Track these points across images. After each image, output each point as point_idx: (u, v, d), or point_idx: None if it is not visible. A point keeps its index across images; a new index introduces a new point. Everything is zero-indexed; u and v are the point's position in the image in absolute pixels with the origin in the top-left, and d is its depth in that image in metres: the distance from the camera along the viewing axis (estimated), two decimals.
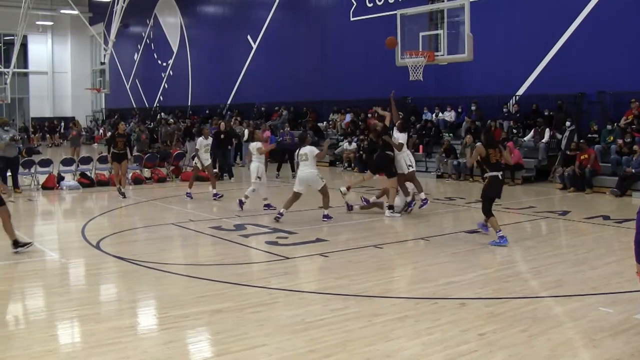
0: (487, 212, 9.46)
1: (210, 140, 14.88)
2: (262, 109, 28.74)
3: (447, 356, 4.97)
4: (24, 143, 24.77)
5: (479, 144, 9.81)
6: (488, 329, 5.54)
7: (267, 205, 12.71)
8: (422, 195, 11.94)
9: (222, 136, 18.95)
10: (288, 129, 21.24)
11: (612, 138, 16.04)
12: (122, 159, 14.81)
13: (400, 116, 13.00)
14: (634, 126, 15.88)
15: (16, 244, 8.73)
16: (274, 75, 28.71)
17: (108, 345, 5.27)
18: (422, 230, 10.65)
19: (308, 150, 11.21)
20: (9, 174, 15.34)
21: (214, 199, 14.28)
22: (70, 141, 25.11)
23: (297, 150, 11.54)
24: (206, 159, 14.58)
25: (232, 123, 24.28)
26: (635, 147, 15.04)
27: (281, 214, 11.25)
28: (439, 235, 10.17)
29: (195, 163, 14.84)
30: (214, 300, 6.55)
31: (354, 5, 24.56)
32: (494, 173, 9.38)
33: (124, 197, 14.47)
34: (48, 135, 39.52)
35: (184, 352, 5.24)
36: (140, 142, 25.00)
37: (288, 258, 8.50)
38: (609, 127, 16.33)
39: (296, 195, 11.31)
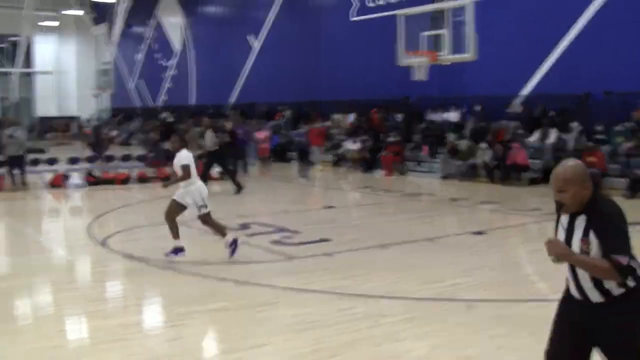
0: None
1: None
2: (264, 109, 28.72)
3: (455, 358, 4.96)
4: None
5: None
6: (496, 332, 5.51)
7: None
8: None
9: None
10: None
11: (622, 139, 15.84)
12: None
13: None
14: None
15: None
16: (276, 75, 28.69)
17: (114, 341, 5.29)
18: (427, 231, 10.61)
19: None
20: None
21: None
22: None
23: None
24: None
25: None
26: None
27: None
28: (444, 236, 10.14)
29: None
30: (219, 298, 6.55)
31: (355, 6, 24.55)
32: None
33: None
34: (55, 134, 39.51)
35: (189, 350, 5.24)
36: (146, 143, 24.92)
37: (292, 257, 8.49)
38: (618, 128, 16.16)
39: None
